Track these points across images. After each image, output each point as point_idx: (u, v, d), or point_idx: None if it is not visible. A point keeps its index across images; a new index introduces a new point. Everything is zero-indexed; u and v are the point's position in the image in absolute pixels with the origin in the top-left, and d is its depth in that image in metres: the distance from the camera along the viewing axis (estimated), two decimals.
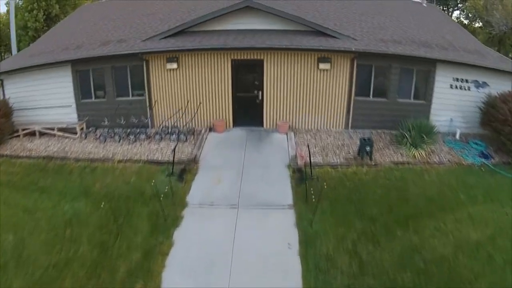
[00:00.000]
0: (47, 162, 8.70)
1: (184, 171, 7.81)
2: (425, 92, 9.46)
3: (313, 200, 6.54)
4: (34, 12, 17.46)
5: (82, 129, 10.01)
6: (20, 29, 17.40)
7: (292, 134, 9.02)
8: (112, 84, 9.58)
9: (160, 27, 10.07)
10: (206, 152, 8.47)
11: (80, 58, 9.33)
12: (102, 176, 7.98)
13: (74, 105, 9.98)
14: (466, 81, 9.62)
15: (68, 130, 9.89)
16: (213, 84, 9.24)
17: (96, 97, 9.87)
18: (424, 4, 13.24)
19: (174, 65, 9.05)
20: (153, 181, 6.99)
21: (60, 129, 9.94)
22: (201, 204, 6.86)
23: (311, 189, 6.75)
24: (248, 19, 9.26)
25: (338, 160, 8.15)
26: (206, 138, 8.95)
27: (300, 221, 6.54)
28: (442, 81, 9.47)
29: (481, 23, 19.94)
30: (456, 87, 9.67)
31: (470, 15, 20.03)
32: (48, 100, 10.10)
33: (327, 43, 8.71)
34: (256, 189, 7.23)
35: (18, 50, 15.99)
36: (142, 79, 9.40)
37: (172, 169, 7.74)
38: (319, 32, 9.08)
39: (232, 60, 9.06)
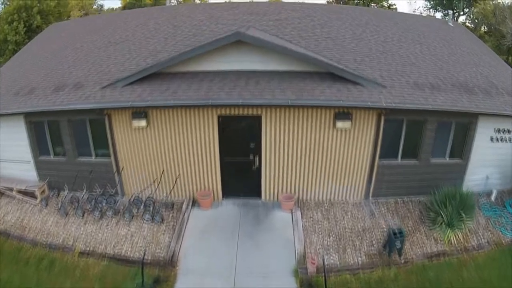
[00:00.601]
0: (4, 241, 5.85)
1: (158, 282, 4.71)
2: (462, 149, 6.12)
3: None
4: (14, 24, 13.44)
5: (43, 191, 6.77)
6: (0, 43, 13.55)
7: (299, 213, 5.72)
8: (70, 141, 6.16)
9: (127, 63, 6.41)
10: (188, 245, 5.27)
11: (24, 111, 5.92)
12: (61, 276, 5.13)
13: (32, 162, 6.67)
14: (508, 131, 6.27)
15: (28, 193, 6.70)
16: (194, 147, 5.82)
17: (55, 154, 6.47)
18: (450, 23, 9.24)
19: (142, 123, 5.58)
20: None
21: (19, 191, 6.74)
22: None
23: None
24: (239, 57, 5.61)
25: (359, 258, 5.03)
26: (188, 219, 5.68)
27: None
28: (483, 133, 6.13)
29: (486, 28, 15.94)
30: (497, 139, 6.30)
31: (476, 21, 15.94)
32: (8, 152, 6.74)
33: (349, 95, 5.20)
34: None
35: None
36: (105, 137, 5.97)
37: (143, 280, 4.63)
38: (336, 75, 5.49)
39: (219, 117, 5.59)
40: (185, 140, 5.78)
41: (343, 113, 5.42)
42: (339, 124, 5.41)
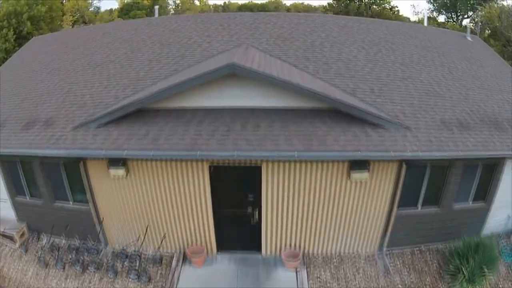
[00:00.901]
0: None
1: None
2: (487, 191, 4.85)
3: None
4: (4, 31, 11.74)
5: (22, 234, 5.54)
6: None
7: (304, 273, 4.49)
8: (45, 183, 4.87)
9: (105, 93, 4.99)
10: None
11: None
12: None
13: (9, 201, 5.41)
14: None
15: (7, 236, 5.50)
16: (183, 198, 4.50)
17: (31, 196, 5.18)
18: (469, 38, 7.64)
19: (120, 172, 4.25)
20: None
21: None
22: None
23: None
24: (234, 91, 4.22)
25: None
26: (178, 280, 4.47)
27: None
28: (508, 173, 4.84)
29: (490, 31, 14.21)
30: None
31: (481, 24, 14.16)
32: None
33: (368, 143, 3.85)
34: None
35: None
36: (81, 182, 4.64)
37: None
38: (350, 115, 4.12)
39: (210, 166, 4.25)
40: (171, 192, 4.46)
41: (359, 162, 4.07)
42: (355, 175, 4.08)
